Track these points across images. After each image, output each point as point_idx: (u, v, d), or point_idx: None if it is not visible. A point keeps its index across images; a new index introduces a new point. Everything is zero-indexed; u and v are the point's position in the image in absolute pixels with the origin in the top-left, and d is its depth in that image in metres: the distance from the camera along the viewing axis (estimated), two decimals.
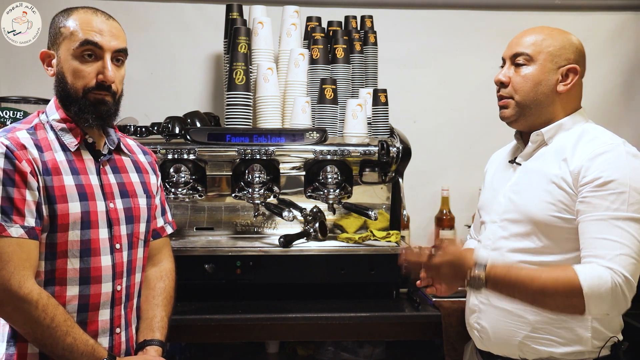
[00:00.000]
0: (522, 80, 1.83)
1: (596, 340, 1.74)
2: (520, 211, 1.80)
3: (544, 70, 1.81)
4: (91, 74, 1.62)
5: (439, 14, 3.16)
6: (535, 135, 1.85)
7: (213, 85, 3.07)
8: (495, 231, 1.86)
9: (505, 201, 1.85)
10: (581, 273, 1.61)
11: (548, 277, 1.64)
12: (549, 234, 1.75)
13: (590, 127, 1.83)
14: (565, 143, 1.79)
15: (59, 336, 1.55)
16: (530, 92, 1.82)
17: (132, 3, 2.99)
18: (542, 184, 1.77)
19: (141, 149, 1.90)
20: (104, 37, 1.62)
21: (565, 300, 1.63)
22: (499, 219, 1.86)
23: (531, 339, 1.77)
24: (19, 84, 2.89)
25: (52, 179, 1.59)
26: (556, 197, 1.73)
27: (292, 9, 2.73)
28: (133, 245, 1.73)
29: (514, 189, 1.85)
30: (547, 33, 1.84)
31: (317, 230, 2.46)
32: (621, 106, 3.20)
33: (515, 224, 1.80)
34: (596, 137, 1.77)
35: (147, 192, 1.81)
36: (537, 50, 1.82)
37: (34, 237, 1.56)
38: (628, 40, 3.17)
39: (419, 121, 3.11)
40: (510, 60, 1.86)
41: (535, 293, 1.66)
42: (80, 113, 1.64)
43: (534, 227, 1.76)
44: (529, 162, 1.86)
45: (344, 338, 2.50)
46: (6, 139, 1.58)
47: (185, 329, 2.19)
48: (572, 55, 1.83)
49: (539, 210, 1.75)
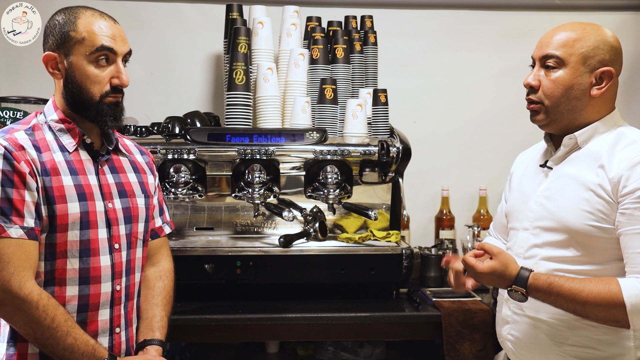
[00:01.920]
0: (553, 85, 1.71)
1: (638, 348, 1.66)
2: (555, 219, 1.71)
3: (576, 74, 1.70)
4: (106, 79, 1.64)
5: (438, 14, 3.16)
6: (568, 139, 1.74)
7: (213, 85, 3.07)
8: (527, 238, 1.77)
9: (538, 207, 1.76)
10: (625, 288, 1.56)
11: (590, 292, 1.58)
12: (586, 243, 1.66)
13: (626, 130, 1.74)
14: (601, 147, 1.70)
15: (59, 336, 1.55)
16: (562, 97, 1.71)
17: (131, 3, 2.99)
18: (578, 190, 1.68)
19: (138, 149, 1.90)
20: (116, 42, 1.65)
21: (608, 315, 1.59)
22: (531, 226, 1.77)
23: (570, 349, 1.69)
24: (19, 84, 2.89)
25: (51, 179, 1.59)
26: (594, 205, 1.64)
27: (292, 9, 2.72)
28: (132, 245, 1.74)
29: (546, 194, 1.76)
30: (579, 31, 1.72)
31: (317, 230, 2.46)
32: (621, 106, 3.18)
33: (550, 232, 1.72)
34: (634, 141, 1.68)
35: (145, 192, 1.81)
36: (568, 52, 1.70)
37: (34, 238, 1.56)
38: (628, 40, 3.16)
39: (419, 121, 3.11)
40: (540, 62, 1.75)
41: (577, 308, 1.61)
42: (99, 117, 1.65)
43: (570, 236, 1.68)
44: (562, 166, 1.76)
45: (344, 338, 2.50)
46: (4, 139, 1.58)
47: (185, 329, 2.19)
48: (606, 55, 1.72)
49: (575, 218, 1.66)
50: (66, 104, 1.67)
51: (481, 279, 1.72)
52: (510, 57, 3.10)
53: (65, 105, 1.67)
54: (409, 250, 2.39)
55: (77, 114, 1.67)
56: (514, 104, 2.72)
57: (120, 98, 1.68)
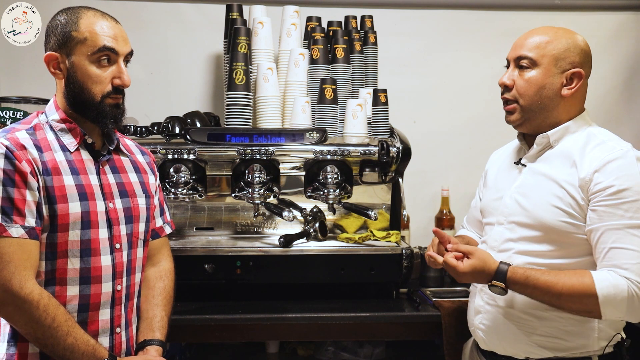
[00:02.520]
0: (526, 85, 1.81)
1: (601, 339, 1.76)
2: (529, 215, 1.79)
3: (548, 74, 1.79)
4: (107, 79, 1.65)
5: (438, 14, 3.16)
6: (540, 138, 1.83)
7: (213, 85, 3.07)
8: (502, 233, 1.85)
9: (512, 203, 1.84)
10: (597, 280, 1.65)
11: (565, 285, 1.67)
12: (559, 239, 1.75)
13: (595, 131, 1.82)
14: (572, 147, 1.78)
15: (60, 336, 1.55)
16: (534, 96, 1.80)
17: (132, 3, 2.99)
18: (551, 188, 1.77)
19: (139, 149, 1.90)
20: (118, 42, 1.65)
21: (582, 306, 1.67)
22: (505, 220, 1.85)
23: (538, 338, 1.78)
24: (19, 84, 2.89)
25: (52, 179, 1.60)
26: (567, 202, 1.73)
27: (292, 9, 2.73)
28: (132, 245, 1.74)
29: (520, 191, 1.84)
30: (551, 34, 1.81)
31: (317, 230, 2.46)
32: (621, 106, 3.20)
33: (524, 228, 1.80)
34: (603, 141, 1.77)
35: (145, 192, 1.81)
36: (540, 53, 1.79)
37: (35, 237, 1.56)
38: (628, 40, 3.17)
39: (419, 121, 3.11)
40: (514, 62, 1.85)
41: (553, 299, 1.70)
42: (100, 117, 1.66)
43: (544, 232, 1.76)
44: (535, 164, 1.85)
45: (344, 338, 2.50)
46: (6, 139, 1.58)
47: (185, 329, 2.19)
48: (577, 57, 1.80)
49: (549, 215, 1.75)
50: (67, 104, 1.67)
51: (462, 277, 1.78)
52: None
53: (66, 105, 1.67)
54: (409, 250, 2.39)
55: (79, 114, 1.67)
56: None
57: (121, 100, 1.69)
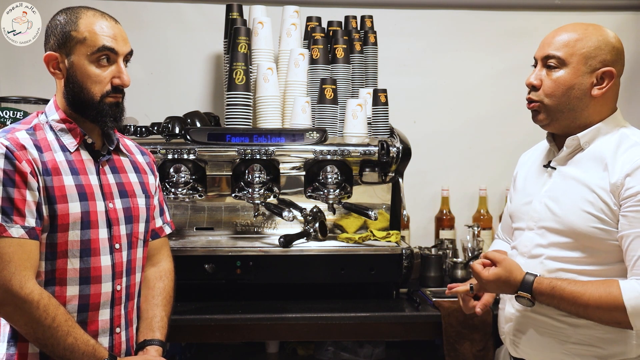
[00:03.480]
0: (554, 85, 1.73)
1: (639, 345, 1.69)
2: (560, 221, 1.72)
3: (577, 74, 1.72)
4: (107, 79, 1.65)
5: (439, 14, 3.16)
6: (570, 140, 1.76)
7: (213, 85, 3.07)
8: (532, 238, 1.79)
9: (542, 208, 1.78)
10: (625, 291, 1.59)
11: (592, 296, 1.62)
12: (591, 245, 1.69)
13: (628, 132, 1.76)
14: (604, 149, 1.72)
15: (60, 336, 1.55)
16: (562, 97, 1.73)
17: (131, 3, 2.99)
18: (582, 193, 1.70)
19: (139, 150, 1.90)
20: (118, 42, 1.65)
21: (610, 317, 1.62)
22: (535, 226, 1.78)
23: (572, 347, 1.71)
24: (19, 84, 2.89)
25: (52, 179, 1.60)
26: (598, 208, 1.67)
27: (292, 9, 2.72)
28: (132, 245, 1.74)
29: (550, 195, 1.77)
30: (581, 32, 1.73)
31: (317, 230, 2.46)
32: (621, 106, 3.19)
33: (555, 234, 1.74)
34: (637, 143, 1.70)
35: (145, 192, 1.81)
36: (569, 52, 1.72)
37: (35, 238, 1.56)
38: (628, 40, 3.15)
39: (419, 121, 3.11)
40: (542, 61, 1.76)
41: (580, 310, 1.64)
42: (99, 117, 1.66)
43: (575, 237, 1.70)
44: (566, 167, 1.77)
45: (344, 338, 2.50)
46: (6, 139, 1.58)
47: (185, 329, 2.19)
48: (608, 55, 1.73)
49: (580, 221, 1.68)
50: (67, 104, 1.67)
51: (487, 286, 1.75)
52: (510, 57, 3.10)
53: (66, 105, 1.67)
54: (409, 250, 2.39)
55: (78, 114, 1.67)
56: (514, 104, 2.72)
57: (120, 98, 1.69)
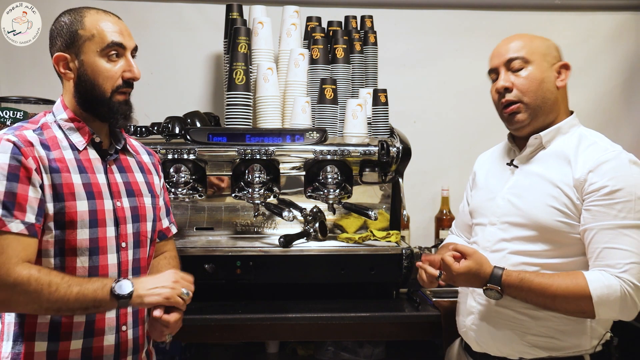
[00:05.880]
0: (527, 82, 1.82)
1: (593, 338, 1.78)
2: (524, 215, 1.80)
3: (542, 68, 1.83)
4: (118, 73, 1.67)
5: (438, 14, 3.16)
6: (533, 139, 1.85)
7: (213, 85, 3.07)
8: (494, 233, 1.86)
9: (505, 204, 1.86)
10: (591, 281, 1.67)
11: (559, 287, 1.70)
12: (554, 238, 1.76)
13: (585, 132, 1.85)
14: (565, 147, 1.81)
15: (64, 294, 1.52)
16: (538, 91, 1.82)
17: (132, 3, 2.99)
18: (546, 188, 1.78)
19: (145, 150, 1.92)
20: (124, 37, 1.68)
21: (576, 307, 1.70)
22: (498, 221, 1.86)
23: (532, 338, 1.79)
24: (19, 84, 2.90)
25: (60, 176, 1.60)
26: (562, 202, 1.75)
27: (292, 9, 2.73)
28: (139, 245, 1.75)
29: (514, 192, 1.86)
30: (527, 38, 1.87)
31: (317, 230, 2.46)
32: (621, 106, 3.20)
33: (519, 228, 1.81)
34: (595, 142, 1.80)
35: (151, 192, 1.83)
36: (529, 51, 1.83)
37: (34, 234, 1.56)
38: (628, 40, 3.17)
39: (419, 121, 3.11)
40: (505, 67, 1.86)
41: (547, 301, 1.72)
42: (110, 114, 1.68)
43: (539, 231, 1.77)
44: (528, 165, 1.87)
45: (344, 338, 2.50)
46: (14, 135, 1.59)
47: (185, 329, 2.17)
48: (556, 52, 1.87)
49: (545, 215, 1.76)
50: (77, 103, 1.68)
51: (457, 278, 1.79)
52: None
53: (75, 104, 1.69)
54: (409, 250, 2.39)
55: (88, 112, 1.69)
56: None
57: (129, 95, 1.71)
